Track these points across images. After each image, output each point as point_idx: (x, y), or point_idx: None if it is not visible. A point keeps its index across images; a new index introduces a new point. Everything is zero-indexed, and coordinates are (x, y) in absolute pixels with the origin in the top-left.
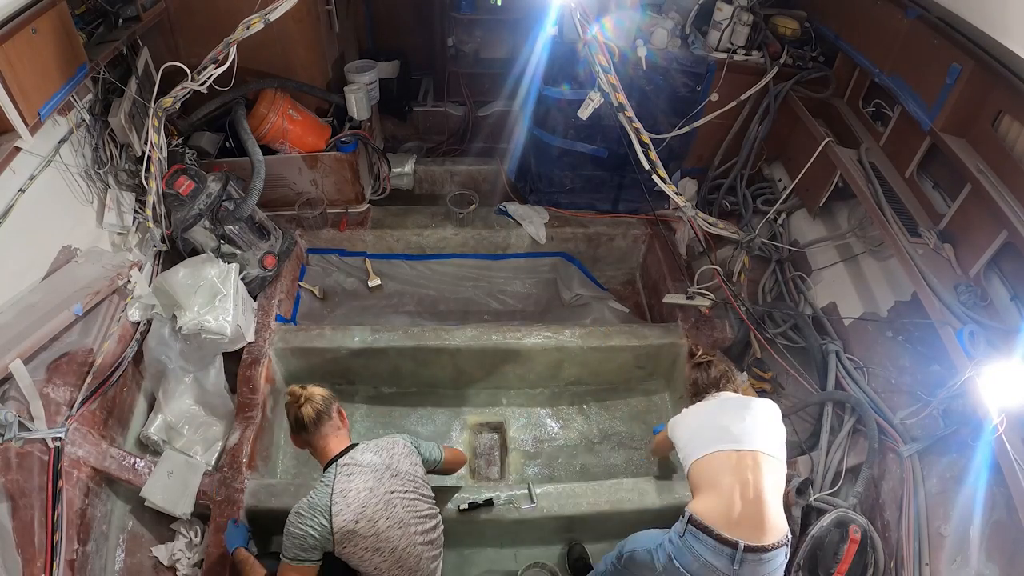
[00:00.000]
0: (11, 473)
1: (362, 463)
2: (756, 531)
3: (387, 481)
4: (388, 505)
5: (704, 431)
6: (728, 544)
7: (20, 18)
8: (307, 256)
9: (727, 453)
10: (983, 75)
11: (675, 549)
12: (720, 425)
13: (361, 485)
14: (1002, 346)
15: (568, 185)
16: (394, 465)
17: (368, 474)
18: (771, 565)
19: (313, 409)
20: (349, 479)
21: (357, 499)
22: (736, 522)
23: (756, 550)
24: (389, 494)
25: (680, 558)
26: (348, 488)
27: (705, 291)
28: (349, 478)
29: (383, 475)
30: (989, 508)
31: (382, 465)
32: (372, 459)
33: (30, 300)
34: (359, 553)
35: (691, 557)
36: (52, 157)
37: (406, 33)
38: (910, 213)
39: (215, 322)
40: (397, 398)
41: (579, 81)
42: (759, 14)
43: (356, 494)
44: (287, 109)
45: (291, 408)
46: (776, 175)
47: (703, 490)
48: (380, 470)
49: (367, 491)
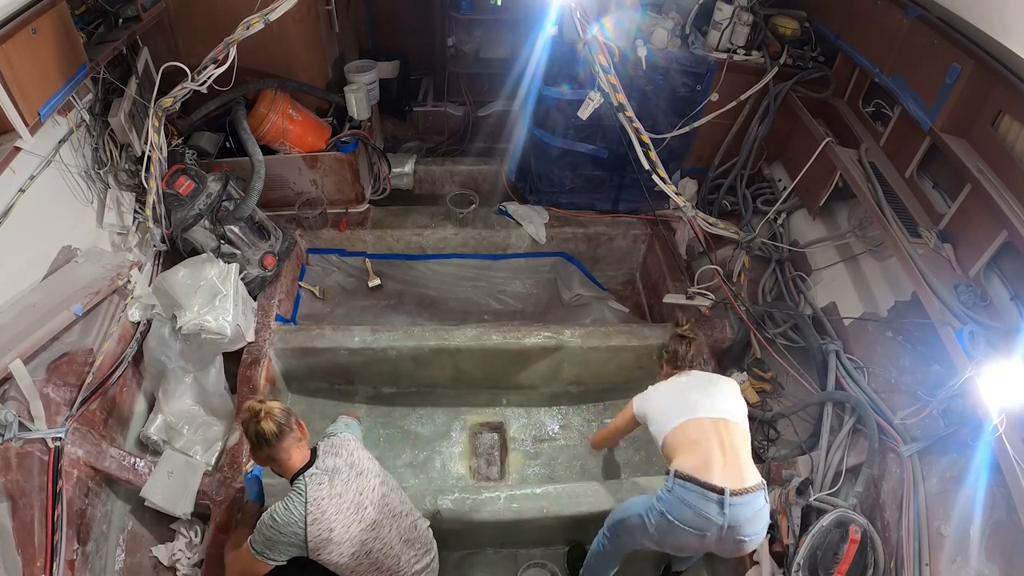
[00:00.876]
0: (11, 473)
1: (328, 469)
2: (737, 478)
3: (354, 482)
4: (359, 508)
5: (676, 405)
6: (715, 490)
7: (20, 18)
8: (307, 256)
9: (700, 420)
10: (983, 75)
11: (665, 504)
12: (691, 399)
13: (332, 492)
14: (1002, 346)
15: (568, 185)
16: (356, 464)
17: (336, 479)
18: (754, 506)
19: (274, 423)
20: (319, 488)
21: (330, 506)
22: (718, 472)
23: (740, 493)
24: (359, 495)
25: (672, 511)
26: (320, 496)
27: (705, 291)
28: (320, 487)
29: (349, 477)
30: (989, 508)
31: (345, 466)
32: (334, 462)
33: (30, 300)
34: (334, 559)
35: (684, 507)
36: (52, 157)
37: (406, 33)
38: (910, 213)
39: (215, 322)
40: (397, 398)
41: (579, 81)
42: (759, 14)
43: (329, 501)
44: (287, 109)
45: (250, 425)
46: (776, 175)
47: (682, 450)
48: (344, 472)
49: (338, 497)
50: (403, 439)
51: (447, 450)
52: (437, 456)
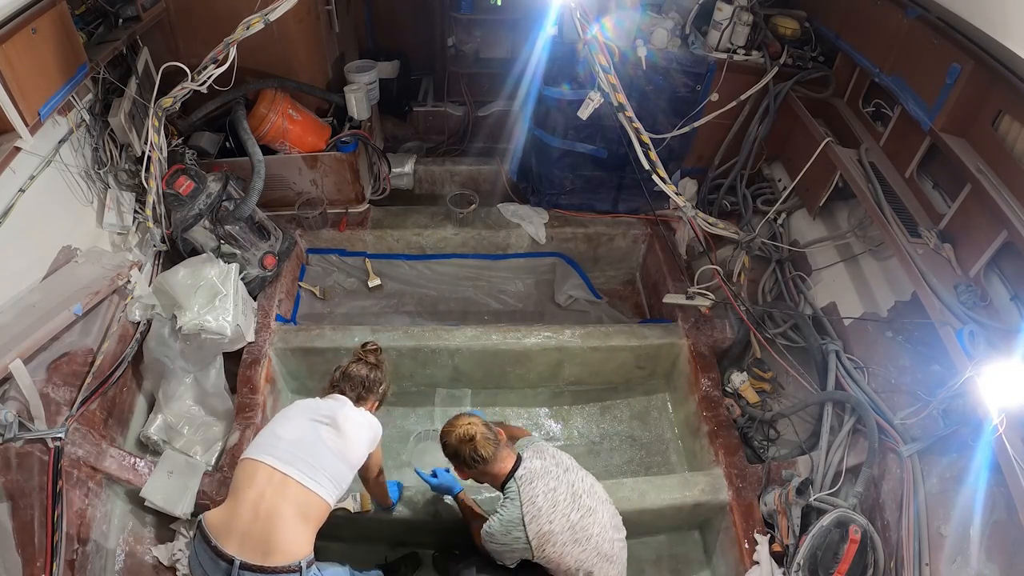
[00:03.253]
0: (11, 473)
1: (535, 469)
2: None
3: (563, 476)
4: (575, 497)
5: (264, 432)
6: (224, 558)
7: (20, 18)
8: (307, 256)
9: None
10: (983, 75)
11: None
12: (278, 431)
13: (544, 487)
14: (1002, 346)
15: (568, 186)
16: (561, 462)
17: (546, 476)
18: None
19: (489, 444)
20: (532, 486)
21: (546, 501)
22: (236, 536)
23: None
24: (571, 487)
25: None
26: (534, 495)
27: (705, 291)
28: (532, 485)
29: (558, 472)
30: (989, 508)
31: (552, 464)
32: (542, 464)
33: (30, 300)
34: (559, 551)
35: (194, 561)
36: (52, 157)
37: (406, 33)
38: (910, 213)
39: (215, 322)
40: (397, 398)
41: (579, 81)
42: (759, 14)
43: (544, 497)
44: (287, 109)
45: (465, 449)
46: (776, 175)
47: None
48: (550, 469)
49: (551, 491)
50: (403, 439)
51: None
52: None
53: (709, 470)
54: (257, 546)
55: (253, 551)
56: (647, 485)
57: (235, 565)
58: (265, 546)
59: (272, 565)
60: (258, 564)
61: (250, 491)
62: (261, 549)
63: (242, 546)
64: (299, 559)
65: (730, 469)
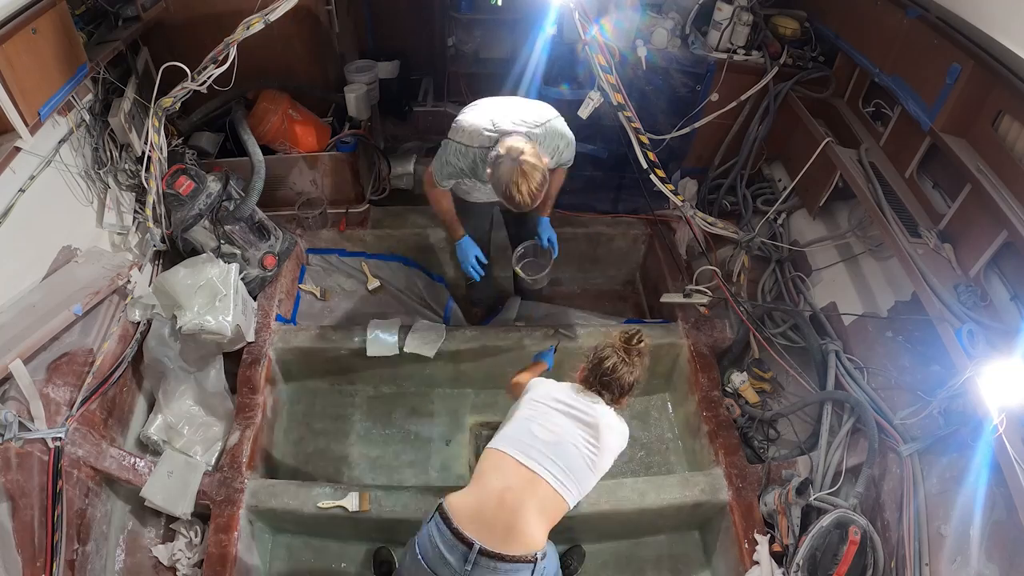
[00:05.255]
0: (11, 473)
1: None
2: (499, 539)
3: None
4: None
5: (517, 425)
6: (464, 542)
7: (20, 18)
8: (307, 256)
9: (509, 458)
10: (983, 75)
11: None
12: (534, 430)
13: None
14: (1002, 346)
15: (568, 186)
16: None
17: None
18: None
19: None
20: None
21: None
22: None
23: (492, 556)
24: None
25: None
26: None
27: (704, 289)
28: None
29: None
30: (989, 508)
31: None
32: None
33: (30, 300)
34: None
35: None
36: (52, 157)
37: (406, 33)
38: (910, 213)
39: (215, 322)
40: (397, 398)
41: (579, 81)
42: (759, 14)
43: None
44: (287, 109)
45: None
46: (776, 175)
47: (474, 478)
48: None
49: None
50: (403, 439)
51: (447, 450)
52: (437, 456)
53: (709, 470)
54: (498, 534)
55: (493, 538)
56: (647, 485)
57: (474, 549)
58: (507, 535)
59: (512, 554)
60: (497, 552)
61: (497, 482)
62: (501, 537)
63: (483, 532)
64: (536, 550)
65: (730, 469)
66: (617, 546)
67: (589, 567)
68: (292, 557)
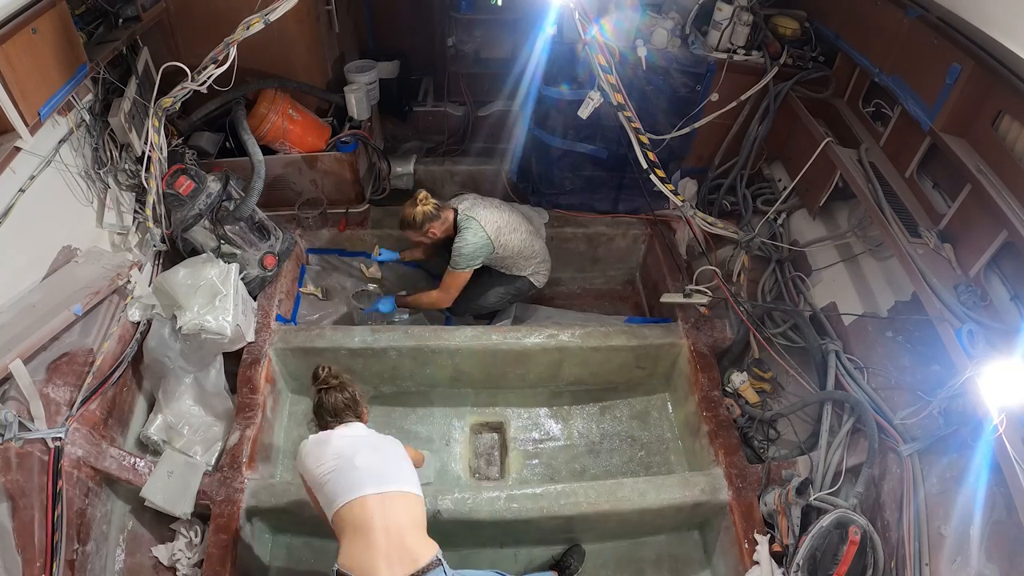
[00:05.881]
0: (11, 473)
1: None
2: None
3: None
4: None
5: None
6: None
7: (20, 18)
8: (307, 256)
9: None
10: (983, 75)
11: None
12: (359, 465)
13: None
14: (1002, 346)
15: (568, 186)
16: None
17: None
18: None
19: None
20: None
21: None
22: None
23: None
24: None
25: None
26: (482, 210)
27: (704, 289)
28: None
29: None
30: (989, 508)
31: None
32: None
33: (30, 300)
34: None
35: None
36: (52, 157)
37: (406, 33)
38: (910, 213)
39: (215, 322)
40: (397, 398)
41: (579, 81)
42: (759, 14)
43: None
44: (287, 109)
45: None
46: (776, 175)
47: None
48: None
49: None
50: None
51: (447, 450)
52: (437, 456)
53: (709, 470)
54: (403, 560)
55: (402, 566)
56: (647, 485)
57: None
58: (408, 556)
59: (423, 567)
60: (413, 574)
61: (370, 522)
62: (408, 560)
63: (393, 568)
64: (433, 553)
65: (730, 469)
66: (617, 546)
67: (589, 567)
68: (292, 557)
